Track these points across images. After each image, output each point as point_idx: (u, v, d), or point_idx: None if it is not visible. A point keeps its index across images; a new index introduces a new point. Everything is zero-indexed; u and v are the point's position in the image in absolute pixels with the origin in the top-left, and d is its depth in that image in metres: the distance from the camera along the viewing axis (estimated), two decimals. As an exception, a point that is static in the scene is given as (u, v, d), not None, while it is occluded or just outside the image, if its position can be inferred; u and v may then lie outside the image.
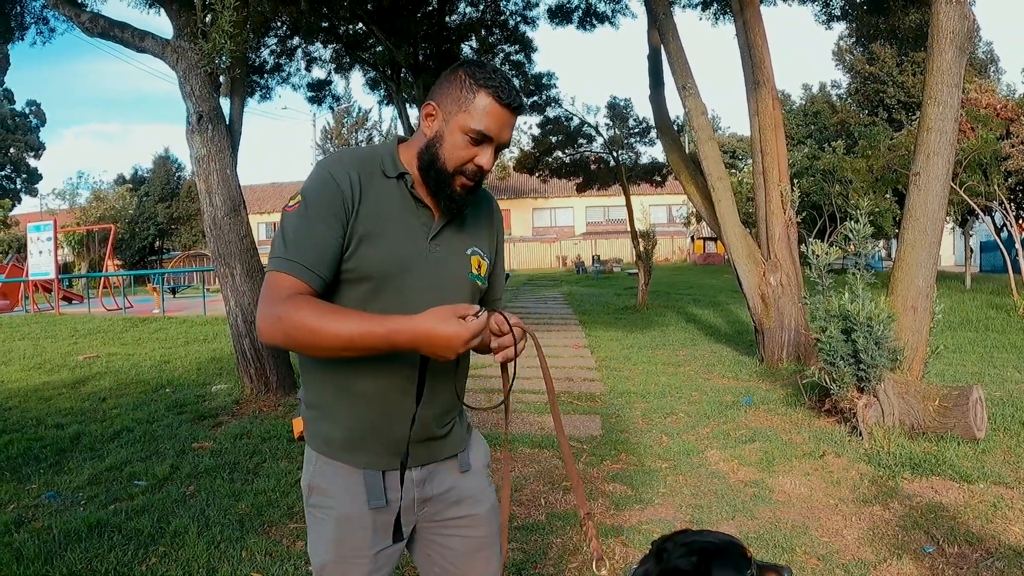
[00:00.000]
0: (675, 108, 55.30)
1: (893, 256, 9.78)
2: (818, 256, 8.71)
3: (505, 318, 2.23)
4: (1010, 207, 23.80)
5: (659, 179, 31.81)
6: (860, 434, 7.33)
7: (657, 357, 13.09)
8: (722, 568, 2.01)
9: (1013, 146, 24.77)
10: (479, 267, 2.41)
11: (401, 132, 27.73)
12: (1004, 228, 26.12)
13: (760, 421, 8.29)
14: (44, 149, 58.83)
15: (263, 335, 2.09)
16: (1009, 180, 24.37)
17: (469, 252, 2.40)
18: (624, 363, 12.39)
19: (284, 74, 21.25)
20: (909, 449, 6.90)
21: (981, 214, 23.98)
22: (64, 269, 37.74)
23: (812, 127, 50.83)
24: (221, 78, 9.88)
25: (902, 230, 8.67)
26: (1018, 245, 22.38)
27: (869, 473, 6.46)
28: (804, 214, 30.79)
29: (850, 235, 8.35)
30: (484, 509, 2.50)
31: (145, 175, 60.50)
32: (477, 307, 2.00)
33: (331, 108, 29.97)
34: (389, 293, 2.22)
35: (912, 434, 7.32)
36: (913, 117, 32.67)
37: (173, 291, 30.00)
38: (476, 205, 2.41)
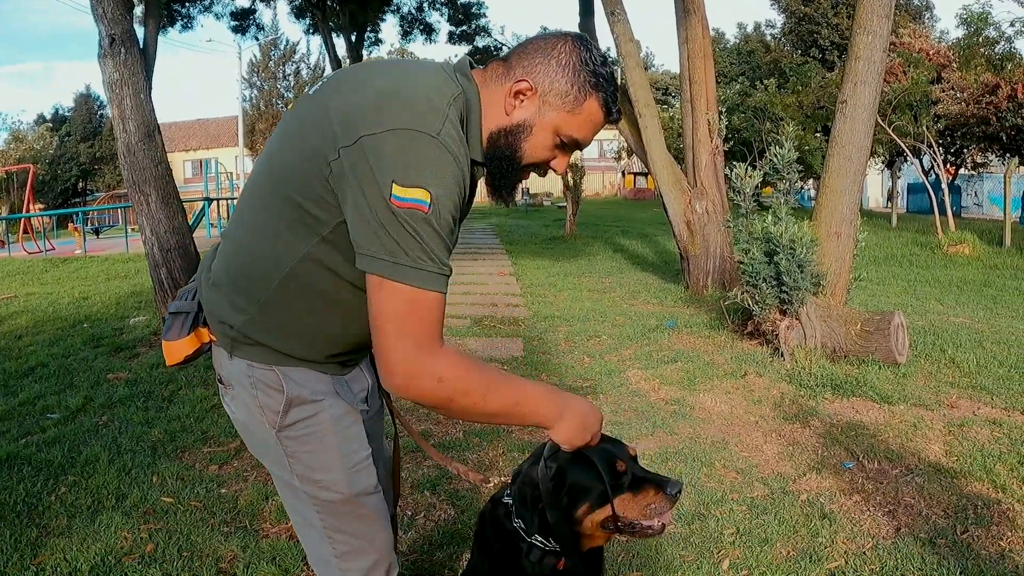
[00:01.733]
0: (605, 39, 55.13)
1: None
2: (741, 179, 8.61)
3: None
4: (938, 150, 24.06)
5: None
6: (782, 355, 7.31)
7: (583, 284, 13.04)
8: (578, 474, 1.96)
9: (943, 91, 25.04)
10: None
11: (328, 65, 27.14)
12: (932, 171, 26.43)
13: (683, 343, 8.24)
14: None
15: (410, 387, 1.73)
16: (939, 123, 24.63)
17: None
18: (549, 289, 12.30)
19: (206, 2, 20.57)
20: (831, 371, 6.89)
21: (909, 155, 24.21)
22: (-17, 214, 36.45)
23: (745, 65, 50.99)
24: (135, 1, 9.46)
25: (827, 157, 8.62)
26: (944, 187, 22.62)
27: (790, 392, 6.44)
28: (731, 143, 30.85)
29: (775, 159, 8.27)
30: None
31: (66, 114, 57.96)
32: None
33: (256, 38, 29.22)
34: None
35: (834, 357, 7.32)
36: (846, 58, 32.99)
37: (96, 232, 29.10)
38: None
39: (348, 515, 2.09)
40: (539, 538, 1.99)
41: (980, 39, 23.65)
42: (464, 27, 26.47)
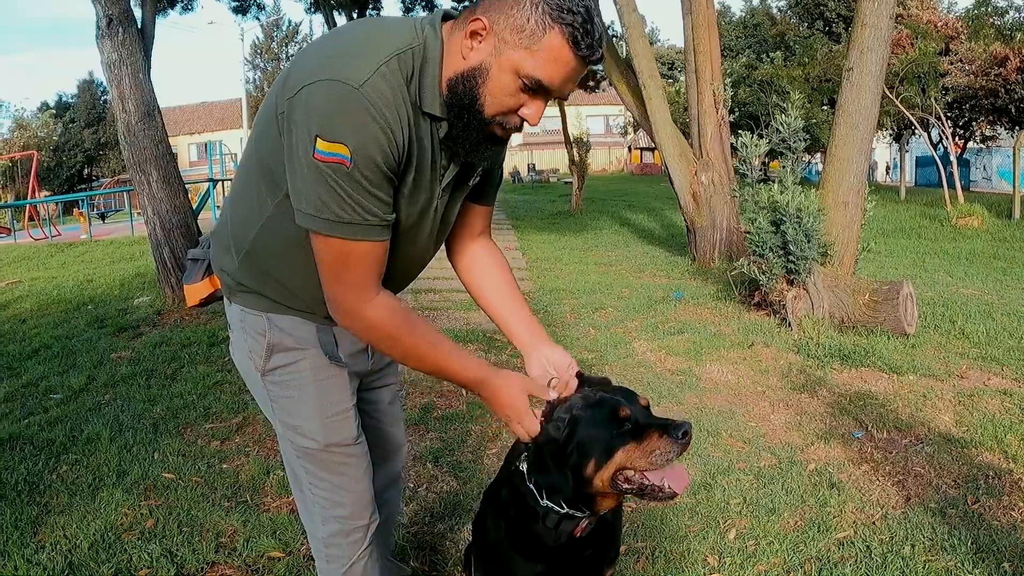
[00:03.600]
0: (609, 13, 54.85)
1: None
2: (748, 147, 8.53)
3: None
4: (947, 123, 23.90)
5: (592, 84, 31.54)
6: (789, 326, 7.24)
7: (589, 258, 13.02)
8: (588, 427, 1.92)
9: (952, 63, 24.86)
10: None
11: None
12: (940, 144, 26.29)
13: (689, 315, 8.20)
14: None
15: (347, 325, 1.92)
16: (947, 96, 24.47)
17: (465, 195, 2.12)
18: (555, 263, 12.26)
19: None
20: (839, 341, 6.83)
21: (917, 127, 24.05)
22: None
23: (751, 39, 50.69)
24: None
25: (834, 126, 8.55)
26: (953, 160, 22.47)
27: (798, 363, 6.39)
28: (736, 115, 30.69)
29: (780, 128, 8.18)
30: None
31: (70, 101, 57.69)
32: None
33: (257, 18, 29.24)
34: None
35: (842, 327, 7.25)
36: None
37: (102, 216, 29.04)
38: None
39: (325, 463, 2.16)
40: (550, 502, 1.97)
41: (989, 8, 23.44)
42: (466, 1, 26.32)
